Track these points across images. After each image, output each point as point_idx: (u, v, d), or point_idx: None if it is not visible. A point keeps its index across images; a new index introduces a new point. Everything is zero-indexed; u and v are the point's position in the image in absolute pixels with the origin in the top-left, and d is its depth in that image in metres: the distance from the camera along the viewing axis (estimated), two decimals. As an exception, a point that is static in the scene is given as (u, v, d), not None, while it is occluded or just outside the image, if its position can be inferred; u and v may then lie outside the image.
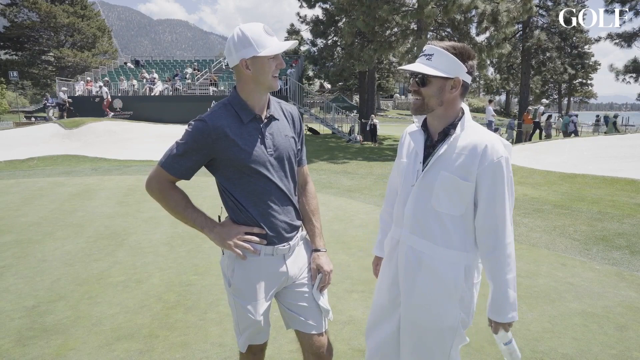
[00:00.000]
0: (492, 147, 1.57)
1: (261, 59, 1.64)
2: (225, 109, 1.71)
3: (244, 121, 1.70)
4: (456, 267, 1.65)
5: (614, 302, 3.52)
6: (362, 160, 13.89)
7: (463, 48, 1.60)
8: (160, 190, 1.73)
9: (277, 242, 1.78)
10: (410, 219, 1.70)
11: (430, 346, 1.71)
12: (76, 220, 6.06)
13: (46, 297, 3.58)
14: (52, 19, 40.25)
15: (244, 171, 1.69)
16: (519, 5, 16.70)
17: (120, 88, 24.38)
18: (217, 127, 1.65)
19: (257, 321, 1.78)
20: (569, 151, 13.69)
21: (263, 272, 1.77)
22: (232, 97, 1.74)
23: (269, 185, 1.73)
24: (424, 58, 1.62)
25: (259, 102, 1.73)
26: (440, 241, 1.65)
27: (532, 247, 4.97)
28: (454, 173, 1.59)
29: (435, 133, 1.69)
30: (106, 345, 2.86)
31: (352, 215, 6.32)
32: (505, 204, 1.59)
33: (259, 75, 1.66)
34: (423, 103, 1.64)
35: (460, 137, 1.61)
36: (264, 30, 1.65)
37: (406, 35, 18.28)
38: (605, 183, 8.70)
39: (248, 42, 1.62)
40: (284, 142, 1.78)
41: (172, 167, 1.68)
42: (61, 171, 11.10)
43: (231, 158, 1.67)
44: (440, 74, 1.58)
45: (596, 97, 49.40)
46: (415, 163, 1.70)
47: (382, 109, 48.65)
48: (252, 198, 1.73)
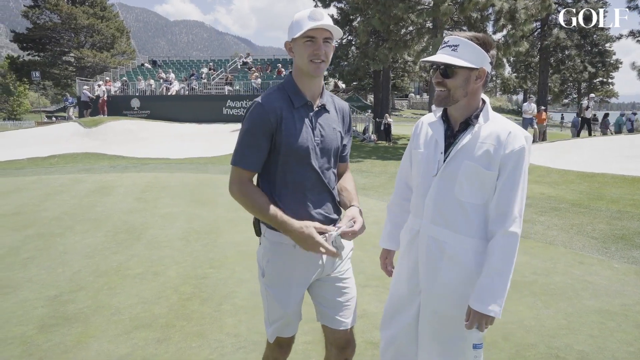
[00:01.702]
0: (515, 136, 1.58)
1: (297, 41, 1.65)
2: (279, 92, 1.72)
3: (295, 105, 1.70)
4: (478, 255, 1.64)
5: (633, 300, 3.46)
6: (376, 159, 13.86)
7: (485, 38, 1.61)
8: (245, 193, 1.68)
9: None
10: (432, 208, 1.68)
11: (451, 334, 1.70)
12: (95, 215, 6.20)
13: (67, 288, 3.68)
14: (73, 20, 41.11)
15: (289, 155, 1.68)
16: (537, 2, 16.44)
17: (138, 88, 24.77)
18: (274, 108, 1.66)
19: (287, 313, 1.78)
20: (588, 150, 13.43)
21: (298, 263, 1.75)
22: (287, 81, 1.76)
23: (310, 174, 1.71)
24: (449, 49, 1.60)
25: (310, 89, 1.73)
26: (462, 230, 1.64)
27: (549, 245, 4.90)
28: (478, 162, 1.59)
29: (457, 123, 1.68)
30: (124, 333, 2.93)
31: (367, 212, 6.31)
32: (518, 194, 1.59)
33: (298, 59, 1.68)
34: (449, 95, 1.62)
35: (483, 127, 1.61)
36: (309, 14, 1.63)
37: (422, 34, 18.15)
38: (626, 182, 8.52)
39: (292, 25, 1.66)
40: (332, 134, 1.77)
41: (246, 162, 1.67)
42: (81, 168, 11.35)
43: (280, 141, 1.66)
44: (468, 65, 1.57)
45: (617, 96, 48.24)
46: (436, 153, 1.69)
47: (396, 109, 48.38)
48: (291, 185, 1.71)
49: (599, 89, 43.04)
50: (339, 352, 1.88)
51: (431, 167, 1.70)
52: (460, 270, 1.66)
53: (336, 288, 1.85)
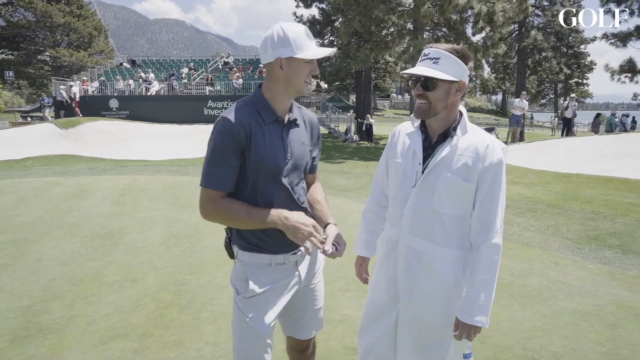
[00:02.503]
0: (493, 149, 1.61)
1: (297, 61, 1.59)
2: (247, 107, 1.64)
3: (265, 122, 1.64)
4: (456, 265, 1.68)
5: (605, 301, 3.56)
6: (358, 160, 13.92)
7: (464, 50, 1.62)
8: (216, 211, 1.61)
9: (287, 250, 1.71)
10: (410, 219, 1.70)
11: (430, 343, 1.74)
12: (72, 220, 6.06)
13: (41, 297, 3.59)
14: (48, 18, 40.09)
15: (258, 173, 1.63)
16: (514, 5, 16.76)
17: (117, 88, 24.30)
18: (243, 124, 1.59)
19: (263, 335, 1.66)
20: (564, 151, 13.76)
21: (276, 281, 1.71)
22: (255, 96, 1.68)
23: (280, 191, 1.67)
24: (430, 62, 1.61)
25: (283, 105, 1.67)
26: (440, 241, 1.67)
27: (526, 246, 5.00)
28: (457, 175, 1.61)
29: (435, 134, 1.70)
30: (101, 344, 2.88)
31: (348, 215, 6.35)
32: (499, 205, 1.63)
33: (291, 77, 1.61)
34: (429, 107, 1.63)
35: (461, 139, 1.64)
36: (305, 33, 1.60)
37: (402, 35, 18.32)
38: (599, 182, 8.76)
39: (287, 41, 1.57)
40: (301, 150, 1.73)
41: (218, 182, 1.59)
42: (57, 171, 11.08)
43: (250, 158, 1.61)
44: (449, 78, 1.58)
45: (592, 96, 49.56)
46: (414, 164, 1.70)
47: (378, 109, 48.69)
48: (261, 203, 1.65)
49: (574, 90, 44.17)
50: (299, 355, 1.92)
51: (409, 178, 1.71)
52: (438, 281, 1.68)
53: (308, 299, 1.86)
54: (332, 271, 4.16)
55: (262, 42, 1.64)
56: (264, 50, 1.63)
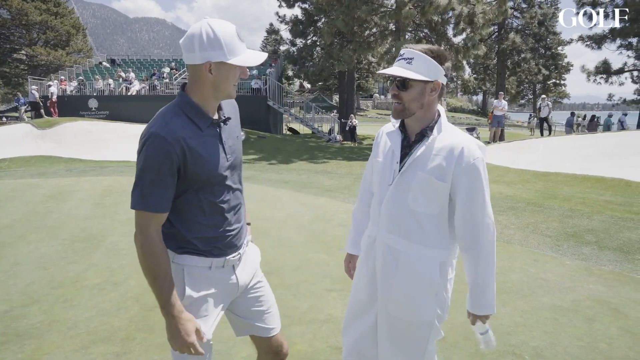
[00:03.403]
0: (468, 149, 1.62)
1: (228, 66, 1.48)
2: (178, 117, 1.49)
3: (202, 129, 1.52)
4: (432, 263, 1.70)
5: (583, 296, 3.65)
6: (341, 159, 13.97)
7: (439, 51, 1.64)
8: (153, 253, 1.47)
9: (228, 252, 1.65)
10: (387, 217, 1.73)
11: (408, 339, 1.76)
12: (51, 222, 5.93)
13: (19, 301, 3.50)
14: (24, 16, 39.00)
15: (205, 183, 1.54)
16: (494, 7, 17.07)
17: (96, 87, 23.86)
18: (178, 139, 1.44)
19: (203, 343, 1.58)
20: (542, 150, 14.07)
21: (214, 286, 1.63)
22: (182, 101, 1.52)
23: (226, 193, 1.61)
24: (404, 62, 1.62)
25: (213, 107, 1.57)
26: (416, 239, 1.69)
27: (506, 243, 5.10)
28: (430, 174, 1.63)
29: (413, 134, 1.72)
30: (82, 349, 2.82)
31: (332, 215, 6.37)
32: (485, 200, 1.65)
33: (220, 82, 1.50)
34: (404, 107, 1.65)
35: (437, 139, 1.65)
36: (237, 34, 1.48)
37: (385, 36, 18.48)
38: (577, 181, 8.98)
39: (218, 44, 1.44)
40: (237, 144, 1.68)
41: (154, 204, 1.45)
42: (34, 172, 10.82)
43: (195, 172, 1.50)
44: (422, 78, 1.59)
45: (569, 97, 50.76)
46: (392, 163, 1.73)
47: (361, 109, 48.93)
48: (208, 209, 1.57)
49: (552, 90, 45.18)
50: (274, 357, 1.89)
51: (387, 176, 1.74)
52: (414, 279, 1.71)
53: (254, 298, 1.81)
54: (317, 271, 4.18)
55: (187, 39, 1.47)
56: (189, 50, 1.46)
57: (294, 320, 3.22)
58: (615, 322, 3.20)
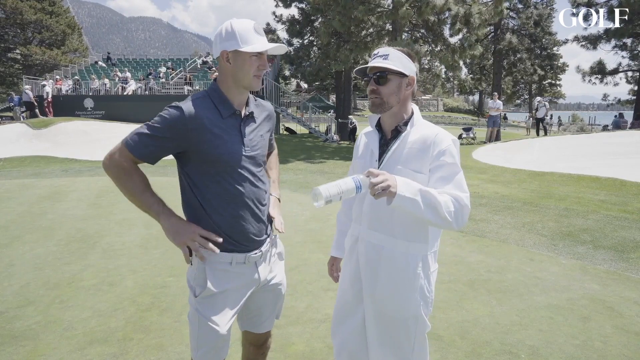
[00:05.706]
0: (440, 137, 1.67)
1: (243, 54, 1.60)
2: (203, 100, 1.64)
3: (222, 115, 1.64)
4: (414, 258, 1.73)
5: (578, 295, 3.67)
6: (338, 159, 13.96)
7: (409, 51, 1.74)
8: (118, 168, 1.59)
9: (249, 249, 1.71)
10: (369, 214, 1.77)
11: (396, 335, 1.78)
12: (46, 223, 5.90)
13: (15, 303, 3.48)
14: (19, 15, 38.74)
15: (218, 168, 1.62)
16: (490, 7, 17.12)
17: (92, 87, 23.73)
18: (195, 117, 1.57)
19: (222, 335, 1.67)
20: (538, 150, 14.12)
21: (234, 281, 1.69)
22: (211, 89, 1.68)
23: (242, 186, 1.66)
24: (380, 58, 1.70)
25: (238, 98, 1.69)
26: (398, 234, 1.72)
27: (502, 243, 5.12)
28: (408, 167, 1.68)
29: (389, 132, 1.78)
30: (78, 350, 2.81)
31: (329, 215, 6.37)
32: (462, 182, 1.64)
33: (238, 71, 1.62)
34: (383, 101, 1.71)
35: (411, 133, 1.71)
36: (254, 28, 1.62)
37: (382, 36, 18.48)
38: (572, 180, 9.02)
39: (233, 35, 1.60)
40: (260, 142, 1.75)
41: (136, 149, 1.57)
42: (30, 173, 10.76)
43: (207, 152, 1.59)
44: (400, 70, 1.67)
45: (564, 97, 51.00)
46: (372, 161, 1.78)
47: (358, 109, 48.96)
48: (224, 198, 1.65)
49: (547, 91, 45.35)
50: (257, 349, 1.94)
51: None
52: (398, 273, 1.73)
53: (269, 296, 1.88)
54: (314, 271, 4.18)
55: (214, 37, 1.68)
56: (214, 45, 1.67)
57: (292, 320, 3.22)
58: (610, 320, 3.23)
